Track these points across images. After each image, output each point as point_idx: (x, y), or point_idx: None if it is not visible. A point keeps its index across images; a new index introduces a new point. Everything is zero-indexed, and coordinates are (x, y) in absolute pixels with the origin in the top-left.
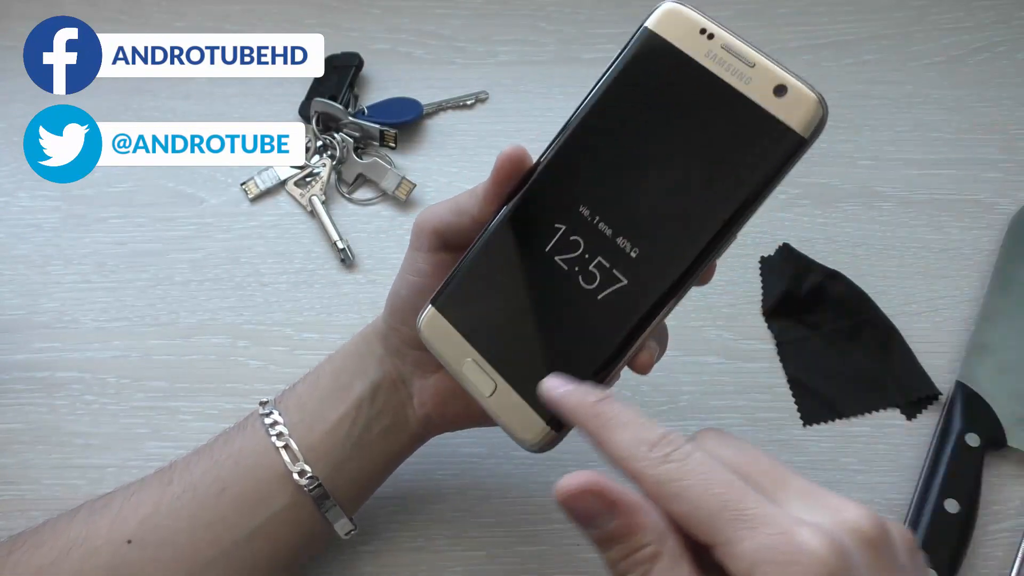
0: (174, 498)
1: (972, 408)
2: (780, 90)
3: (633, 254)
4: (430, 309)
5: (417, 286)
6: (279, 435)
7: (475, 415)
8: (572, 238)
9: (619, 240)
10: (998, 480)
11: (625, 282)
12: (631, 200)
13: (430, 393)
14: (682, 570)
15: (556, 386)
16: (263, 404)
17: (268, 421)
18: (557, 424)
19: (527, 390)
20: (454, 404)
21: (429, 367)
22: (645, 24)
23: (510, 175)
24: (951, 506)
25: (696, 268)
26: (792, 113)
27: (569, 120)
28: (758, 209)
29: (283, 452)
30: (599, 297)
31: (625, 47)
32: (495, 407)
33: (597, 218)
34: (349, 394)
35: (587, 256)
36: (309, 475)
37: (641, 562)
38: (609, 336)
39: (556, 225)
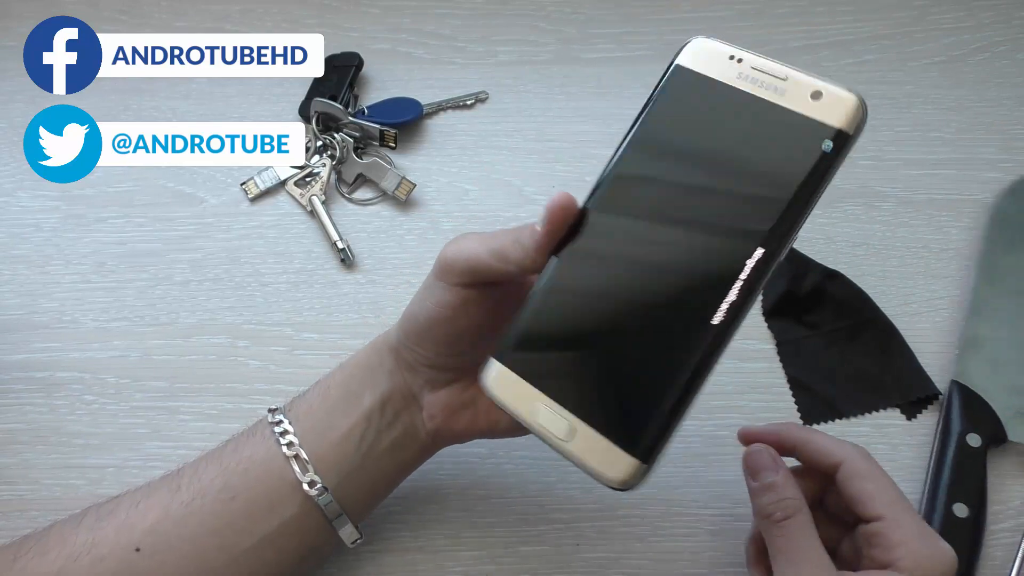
0: (182, 504)
1: (970, 407)
2: (816, 95)
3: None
4: (496, 365)
5: (439, 317)
6: (289, 444)
7: (482, 428)
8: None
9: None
10: (999, 479)
11: (691, 303)
12: (690, 219)
13: (440, 406)
14: (812, 527)
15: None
16: (272, 411)
17: (278, 430)
18: (646, 456)
19: (610, 428)
20: (463, 417)
21: (440, 382)
22: (676, 62)
23: (563, 225)
24: (960, 510)
25: (755, 289)
26: (832, 113)
27: (613, 159)
28: (813, 209)
29: (293, 462)
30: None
31: (658, 85)
32: (577, 450)
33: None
34: (359, 405)
35: (651, 285)
36: (319, 485)
37: (787, 509)
38: (682, 359)
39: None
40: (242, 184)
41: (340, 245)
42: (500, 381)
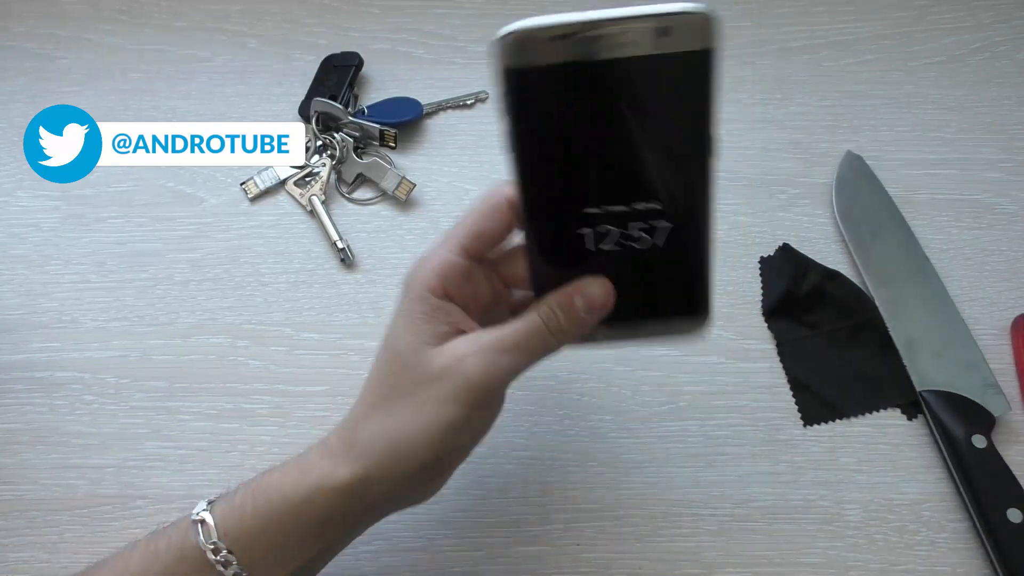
0: None
1: (952, 408)
2: (663, 31)
3: (658, 206)
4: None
5: (467, 442)
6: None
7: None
8: (601, 229)
9: (638, 206)
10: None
11: (669, 224)
12: (621, 181)
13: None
14: None
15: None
16: (199, 524)
17: (217, 558)
18: (705, 311)
19: (668, 314)
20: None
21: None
22: (506, 66)
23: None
24: (1015, 516)
25: (710, 180)
26: (686, 40)
27: (515, 166)
28: (719, 113)
29: None
30: (661, 245)
31: (505, 97)
32: (654, 335)
33: (606, 208)
34: (311, 545)
35: (625, 231)
36: None
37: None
38: (694, 263)
39: (580, 231)
40: (242, 184)
41: (340, 245)
42: None
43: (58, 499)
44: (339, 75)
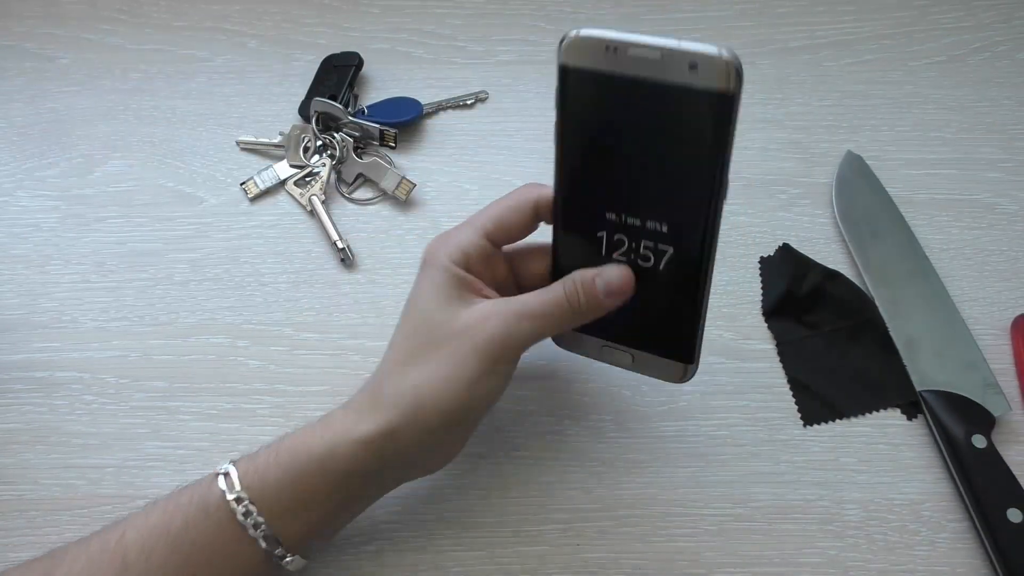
0: None
1: (952, 408)
2: (694, 66)
3: (664, 229)
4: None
5: (490, 403)
6: (256, 525)
7: (459, 449)
8: (616, 238)
9: (649, 224)
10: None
11: (672, 249)
12: (636, 194)
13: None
14: None
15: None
16: (222, 476)
17: (239, 509)
18: (686, 358)
19: (663, 351)
20: (441, 452)
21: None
22: (562, 62)
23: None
24: (1015, 516)
25: (713, 218)
26: (709, 78)
27: (557, 149)
28: (731, 157)
29: (262, 541)
30: (660, 268)
31: (557, 82)
32: (642, 369)
33: (623, 216)
34: (331, 498)
35: (634, 245)
36: (289, 558)
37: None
38: (688, 298)
39: (598, 234)
40: (242, 184)
41: (340, 245)
42: (567, 339)
43: (58, 499)
44: (339, 75)
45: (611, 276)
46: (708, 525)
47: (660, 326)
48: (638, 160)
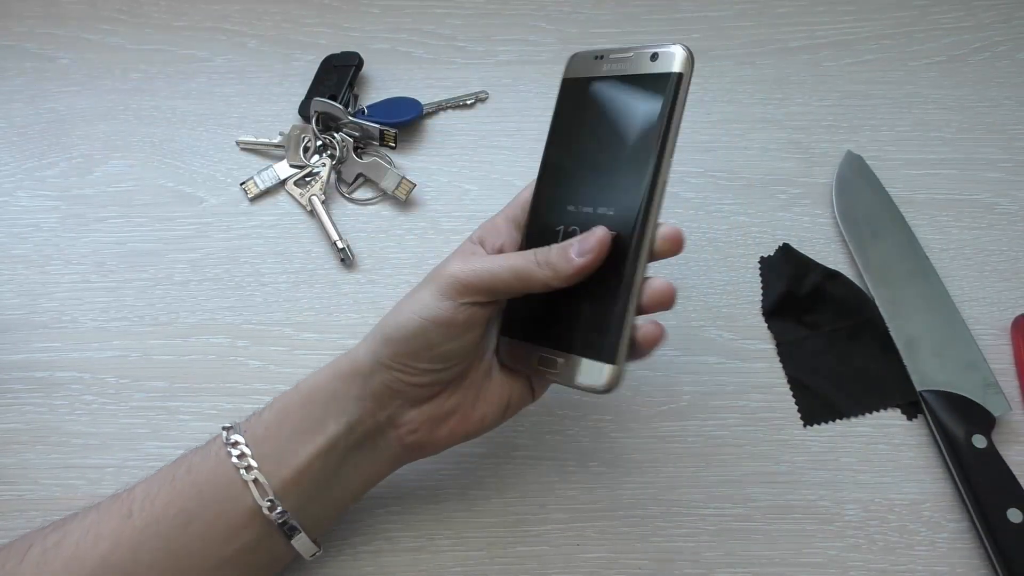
0: (136, 531)
1: (952, 408)
2: (654, 56)
3: (611, 212)
4: (505, 340)
5: (442, 334)
6: (247, 468)
7: (469, 430)
8: (571, 228)
9: (599, 210)
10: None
11: (613, 233)
12: (594, 183)
13: (422, 420)
14: None
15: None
16: (227, 430)
17: (235, 452)
18: (610, 358)
19: (587, 351)
20: (447, 424)
21: (422, 398)
22: (564, 76)
23: (602, 259)
24: (1015, 516)
25: (653, 196)
26: (666, 63)
27: (544, 154)
28: (677, 138)
29: (252, 486)
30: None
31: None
32: (568, 376)
33: (580, 206)
34: (322, 432)
35: (583, 231)
36: (279, 510)
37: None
38: (616, 277)
39: (557, 228)
40: (242, 184)
41: (340, 245)
42: (509, 351)
43: (58, 499)
44: (339, 75)
45: (584, 238)
46: (708, 525)
47: (590, 323)
48: (598, 148)
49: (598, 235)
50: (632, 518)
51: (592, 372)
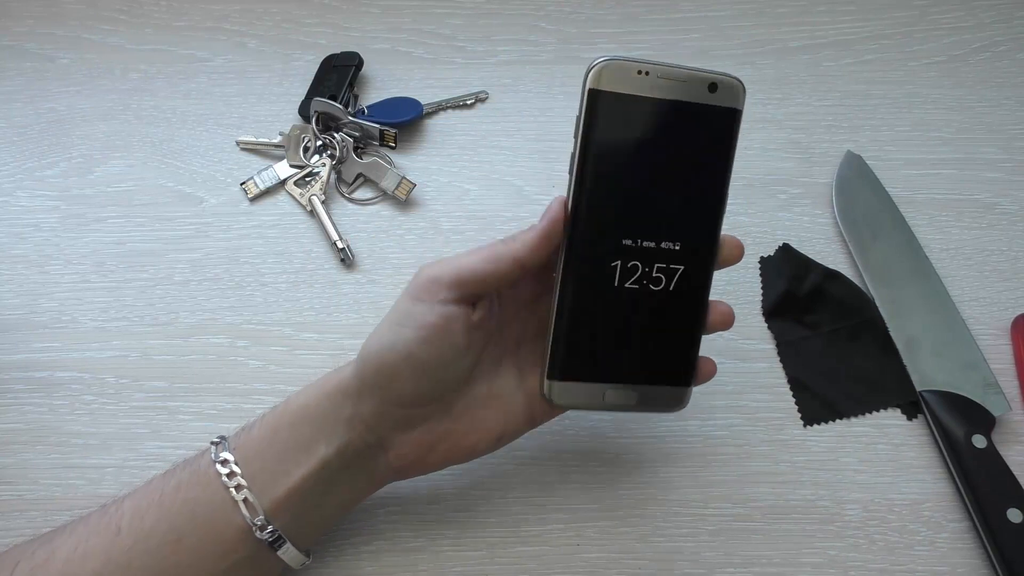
0: (126, 549)
1: (952, 408)
2: (712, 87)
3: (677, 247)
4: (555, 383)
5: (418, 340)
6: (237, 487)
7: (460, 455)
8: (630, 264)
9: (663, 245)
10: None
11: (682, 267)
12: (655, 215)
13: (413, 445)
14: None
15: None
16: (216, 445)
17: (224, 471)
18: (687, 381)
19: (664, 379)
20: (439, 450)
21: (414, 420)
22: (589, 86)
23: (560, 222)
24: (1015, 516)
25: (720, 227)
26: (726, 97)
27: (574, 177)
28: (732, 167)
29: (242, 506)
30: (671, 288)
31: (582, 110)
32: (646, 407)
33: (640, 241)
34: (313, 453)
35: (647, 269)
36: (270, 529)
37: None
38: (693, 306)
39: (613, 264)
40: (242, 184)
41: (340, 245)
42: (563, 393)
43: (58, 499)
44: (339, 75)
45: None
46: (708, 525)
47: (665, 352)
48: (656, 180)
49: (554, 206)
50: (632, 518)
51: (671, 398)
